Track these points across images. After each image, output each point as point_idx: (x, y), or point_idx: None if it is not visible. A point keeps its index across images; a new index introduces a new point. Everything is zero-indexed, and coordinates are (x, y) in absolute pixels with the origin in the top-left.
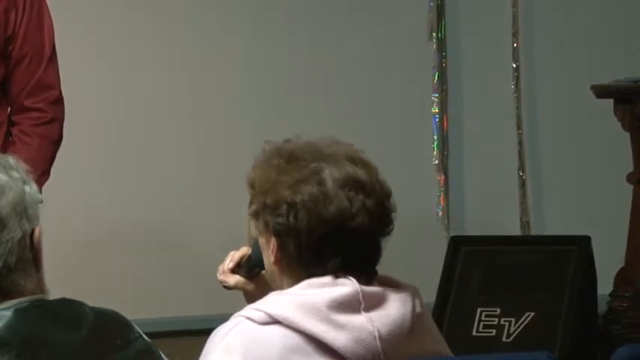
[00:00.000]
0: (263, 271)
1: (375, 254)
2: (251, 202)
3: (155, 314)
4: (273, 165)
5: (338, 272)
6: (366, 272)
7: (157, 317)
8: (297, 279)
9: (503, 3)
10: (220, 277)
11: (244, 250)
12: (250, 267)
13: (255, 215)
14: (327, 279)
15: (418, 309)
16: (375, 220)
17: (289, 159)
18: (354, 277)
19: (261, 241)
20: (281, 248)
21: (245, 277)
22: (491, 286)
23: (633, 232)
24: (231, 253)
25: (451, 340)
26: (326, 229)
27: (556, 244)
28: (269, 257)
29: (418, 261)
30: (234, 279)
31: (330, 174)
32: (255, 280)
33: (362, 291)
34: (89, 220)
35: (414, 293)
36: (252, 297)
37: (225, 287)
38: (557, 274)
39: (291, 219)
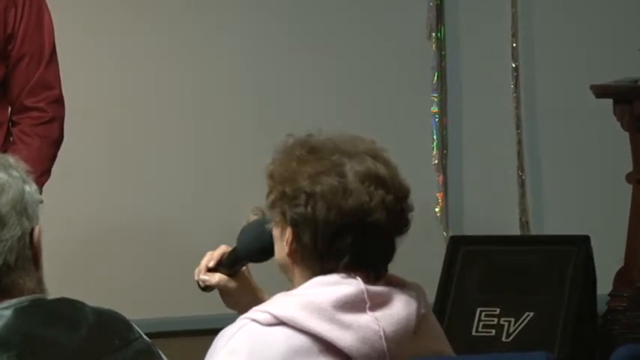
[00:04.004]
0: (243, 268)
1: (389, 252)
2: (269, 193)
3: (155, 314)
4: (294, 155)
5: (350, 267)
6: (377, 269)
7: (157, 317)
8: (309, 271)
9: (502, 3)
10: (202, 276)
11: (223, 249)
12: (233, 261)
13: (273, 205)
14: (334, 278)
15: (423, 309)
16: (393, 217)
17: (311, 150)
18: (364, 273)
19: (276, 232)
20: (296, 239)
21: (227, 275)
22: (491, 285)
23: (632, 232)
24: (209, 252)
25: (451, 340)
26: (343, 221)
27: (555, 244)
28: (283, 248)
29: (417, 261)
30: (217, 277)
31: (352, 168)
32: (237, 278)
33: (367, 290)
34: (89, 220)
35: (420, 293)
36: (231, 296)
37: (203, 288)
38: (556, 274)
39: (309, 209)
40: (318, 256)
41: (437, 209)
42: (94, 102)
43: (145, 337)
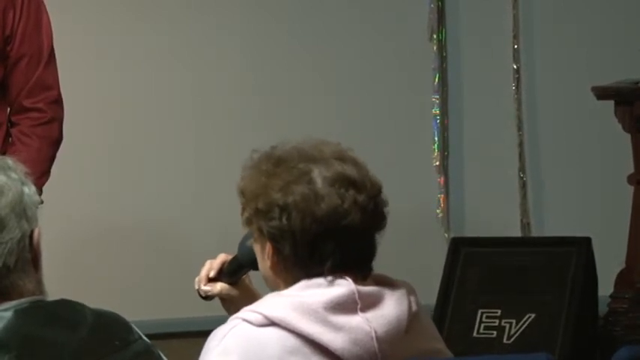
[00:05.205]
0: (244, 276)
1: (370, 250)
2: (243, 210)
3: (155, 315)
4: (262, 170)
5: (335, 271)
6: (362, 269)
7: (156, 318)
8: (294, 282)
9: (503, 4)
10: (203, 287)
11: (223, 257)
12: (235, 269)
13: (249, 222)
14: (324, 279)
15: (414, 307)
16: (368, 216)
17: (277, 163)
18: (351, 274)
19: (256, 247)
20: (277, 252)
21: (229, 283)
22: (492, 287)
23: (634, 234)
24: (209, 261)
25: (452, 342)
26: (320, 227)
27: (556, 246)
28: (265, 262)
29: (418, 262)
30: (219, 286)
31: (320, 173)
32: (238, 286)
33: (358, 291)
34: (89, 220)
35: (410, 291)
36: (233, 304)
37: (204, 298)
38: (557, 276)
39: (284, 221)
40: (302, 264)
41: (438, 211)
42: (94, 102)
43: (144, 338)
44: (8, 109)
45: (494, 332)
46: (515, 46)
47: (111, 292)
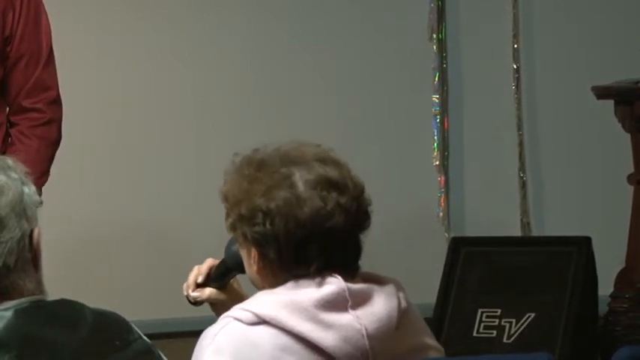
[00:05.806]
0: (232, 280)
1: (355, 250)
2: (227, 216)
3: (155, 315)
4: (244, 175)
5: (322, 272)
6: (349, 269)
7: (157, 318)
8: (281, 284)
9: (503, 4)
10: (193, 293)
11: (210, 262)
12: (223, 273)
13: (233, 228)
14: (314, 278)
15: (403, 304)
16: (352, 217)
17: (259, 167)
18: (338, 274)
19: (242, 252)
20: (262, 257)
21: (217, 288)
22: (492, 287)
23: (634, 233)
24: (196, 267)
25: (452, 341)
26: (304, 231)
27: (556, 245)
28: (251, 267)
29: (418, 262)
30: (208, 292)
31: (301, 177)
32: (226, 289)
33: (348, 289)
34: (89, 220)
35: (398, 288)
36: (222, 308)
37: (194, 303)
38: (557, 275)
39: (267, 226)
40: (287, 268)
41: (438, 210)
42: (94, 102)
43: (145, 338)
44: (7, 109)
45: (494, 332)
46: (515, 46)
47: (111, 292)
